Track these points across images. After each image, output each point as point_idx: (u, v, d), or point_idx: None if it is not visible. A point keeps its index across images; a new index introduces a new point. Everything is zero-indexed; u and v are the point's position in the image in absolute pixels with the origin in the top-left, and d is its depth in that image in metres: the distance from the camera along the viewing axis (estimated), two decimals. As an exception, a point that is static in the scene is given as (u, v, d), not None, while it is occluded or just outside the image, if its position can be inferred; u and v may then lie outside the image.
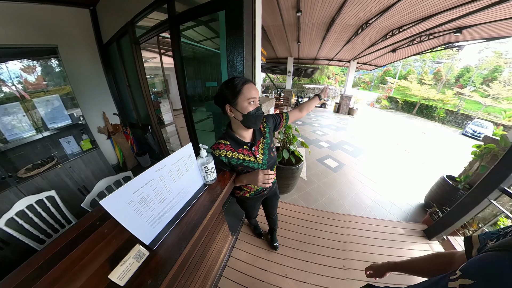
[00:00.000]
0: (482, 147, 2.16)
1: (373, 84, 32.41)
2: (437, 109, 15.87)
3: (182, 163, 0.72)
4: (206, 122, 2.65)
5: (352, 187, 2.97)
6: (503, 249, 0.35)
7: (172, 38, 1.78)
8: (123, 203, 0.50)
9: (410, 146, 5.95)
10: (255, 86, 0.82)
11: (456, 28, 4.20)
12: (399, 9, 3.52)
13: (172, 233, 0.64)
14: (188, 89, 2.18)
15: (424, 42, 5.15)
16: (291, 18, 4.42)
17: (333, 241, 1.88)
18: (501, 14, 3.29)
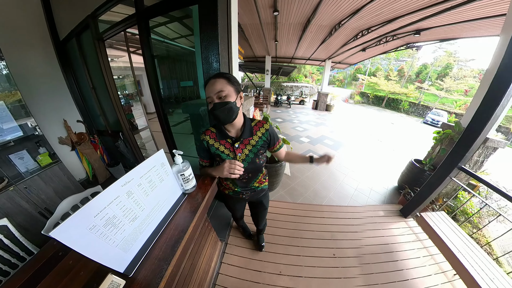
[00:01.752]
0: (441, 133, 2.43)
1: (346, 81, 34.26)
2: (402, 101, 17.72)
3: (154, 173, 0.63)
4: (184, 125, 2.49)
5: (335, 178, 3.10)
6: None
7: (140, 34, 1.62)
8: (83, 230, 0.41)
9: (381, 135, 6.53)
10: (214, 81, 0.78)
11: (415, 30, 4.68)
12: (367, 12, 3.80)
13: (150, 254, 0.55)
14: (161, 90, 2.02)
15: (389, 42, 5.66)
16: (268, 17, 4.42)
17: (322, 232, 1.93)
18: (451, 19, 3.76)
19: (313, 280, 1.48)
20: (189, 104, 2.23)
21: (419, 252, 1.79)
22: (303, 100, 11.81)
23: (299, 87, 13.69)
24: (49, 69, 2.47)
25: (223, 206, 2.10)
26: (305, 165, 3.44)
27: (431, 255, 1.77)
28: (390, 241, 1.88)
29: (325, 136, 5.38)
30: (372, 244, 1.84)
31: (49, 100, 2.47)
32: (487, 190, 2.68)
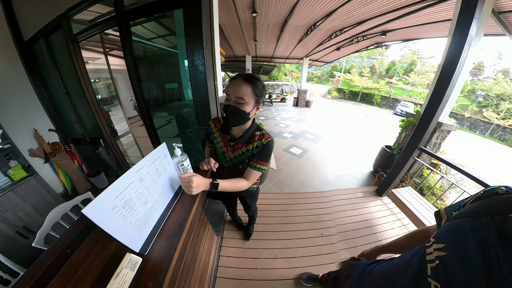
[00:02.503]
0: (405, 121, 2.78)
1: (324, 78, 35.78)
2: (374, 96, 19.22)
3: (159, 164, 0.70)
4: (168, 127, 2.48)
5: (317, 168, 3.34)
6: (463, 216, 0.43)
7: (122, 36, 1.61)
8: (107, 209, 0.48)
9: (357, 127, 7.16)
10: (240, 83, 0.76)
11: (382, 32, 5.18)
12: (339, 15, 4.15)
13: (161, 233, 0.63)
14: (144, 93, 1.98)
15: (360, 42, 6.15)
16: (247, 18, 4.52)
17: (309, 216, 2.13)
18: (411, 22, 4.26)
19: (306, 259, 1.65)
20: (173, 106, 2.24)
21: (394, 224, 2.08)
22: (284, 98, 12.13)
23: (280, 85, 14.02)
24: (13, 74, 2.21)
25: (216, 203, 2.18)
26: (289, 159, 3.63)
27: (404, 225, 2.07)
28: (369, 217, 2.15)
29: (306, 131, 5.67)
30: (354, 221, 2.08)
31: (15, 108, 2.21)
32: (446, 167, 3.11)
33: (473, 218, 0.41)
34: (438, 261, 0.41)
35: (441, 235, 0.45)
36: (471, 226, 0.40)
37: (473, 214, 0.42)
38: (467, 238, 0.39)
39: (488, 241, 0.36)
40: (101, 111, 2.50)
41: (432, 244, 0.45)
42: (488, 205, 0.41)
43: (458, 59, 1.62)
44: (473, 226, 0.39)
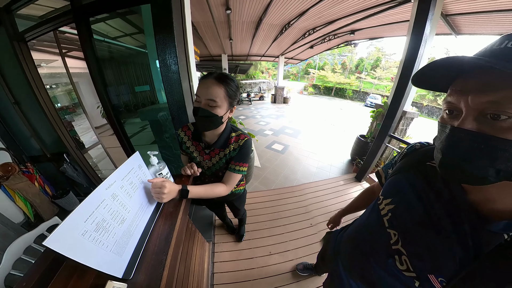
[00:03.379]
0: (376, 112, 3.02)
1: (299, 75, 36.87)
2: (347, 90, 20.47)
3: (134, 175, 0.63)
4: (143, 134, 2.31)
5: (299, 162, 3.44)
6: (397, 172, 0.53)
7: (81, 35, 1.44)
8: (76, 236, 0.41)
9: (333, 120, 7.58)
10: (211, 84, 0.69)
11: (351, 31, 5.51)
12: (311, 14, 4.32)
13: (146, 252, 0.56)
14: (112, 98, 1.80)
15: (331, 40, 6.46)
16: (221, 16, 4.42)
17: (297, 208, 2.19)
18: (376, 22, 4.61)
19: (299, 250, 1.69)
20: (146, 110, 2.08)
21: (373, 204, 2.29)
22: (263, 96, 12.23)
23: (257, 83, 14.10)
24: None
25: (203, 209, 2.10)
26: (272, 155, 3.67)
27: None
28: (351, 202, 2.33)
29: (285, 127, 5.79)
30: (338, 208, 2.14)
31: None
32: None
33: (405, 172, 0.50)
34: (390, 213, 0.49)
35: (386, 191, 0.53)
36: (405, 179, 0.49)
37: (404, 169, 0.51)
38: (405, 189, 0.47)
39: (419, 187, 0.45)
40: (62, 122, 2.19)
41: (382, 201, 0.53)
42: (412, 159, 0.52)
43: (416, 55, 1.80)
44: (406, 178, 0.49)
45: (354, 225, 0.71)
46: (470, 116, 0.30)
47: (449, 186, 0.40)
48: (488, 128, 0.28)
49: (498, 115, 0.27)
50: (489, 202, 0.35)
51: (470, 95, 0.30)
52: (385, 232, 0.49)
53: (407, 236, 0.44)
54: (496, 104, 0.27)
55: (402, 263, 0.44)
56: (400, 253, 0.45)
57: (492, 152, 0.28)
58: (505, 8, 2.58)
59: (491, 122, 0.28)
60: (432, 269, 0.38)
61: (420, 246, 0.41)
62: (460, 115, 0.32)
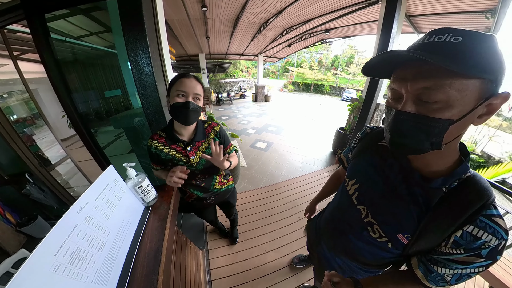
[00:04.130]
0: (352, 105, 3.19)
1: (279, 73, 37.36)
2: (324, 86, 21.25)
3: (110, 192, 0.56)
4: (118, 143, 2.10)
5: (284, 158, 3.50)
6: (356, 156, 0.61)
7: (35, 34, 1.26)
8: (46, 274, 0.34)
9: (314, 115, 7.85)
10: (194, 81, 0.78)
11: (326, 29, 5.73)
12: (288, 13, 4.42)
13: (134, 275, 0.50)
14: (79, 106, 1.62)
15: (308, 39, 6.65)
16: (197, 13, 4.26)
17: (286, 204, 2.22)
18: (348, 21, 4.84)
19: (294, 243, 1.73)
20: (119, 117, 1.91)
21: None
22: (243, 95, 12.16)
23: (237, 82, 13.99)
24: None
25: (191, 216, 2.00)
26: (257, 154, 3.67)
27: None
28: (336, 191, 2.44)
29: (268, 124, 5.82)
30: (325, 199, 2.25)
31: None
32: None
33: (362, 154, 0.59)
34: (357, 192, 0.57)
35: (350, 174, 0.61)
36: (364, 160, 0.58)
37: (361, 152, 0.60)
38: (365, 169, 0.56)
39: (376, 164, 0.53)
40: (19, 137, 1.91)
41: (348, 182, 0.60)
42: (366, 142, 0.60)
43: (386, 52, 1.94)
44: (365, 159, 0.57)
45: (328, 209, 0.78)
46: (410, 100, 0.36)
47: (398, 159, 0.48)
48: (423, 110, 0.34)
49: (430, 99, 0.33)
50: (427, 166, 0.43)
51: (408, 82, 0.35)
52: (356, 209, 0.56)
53: (375, 208, 0.52)
54: (428, 90, 0.33)
55: (375, 232, 0.51)
56: (372, 223, 0.52)
57: (427, 128, 0.35)
58: (458, 10, 2.99)
59: (425, 104, 0.34)
60: (398, 230, 0.46)
61: (386, 214, 0.49)
62: (402, 99, 0.37)
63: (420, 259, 0.45)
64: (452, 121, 0.33)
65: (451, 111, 0.33)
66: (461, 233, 0.38)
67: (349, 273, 0.68)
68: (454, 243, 0.39)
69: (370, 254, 0.57)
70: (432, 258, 0.43)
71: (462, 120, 0.33)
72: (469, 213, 0.38)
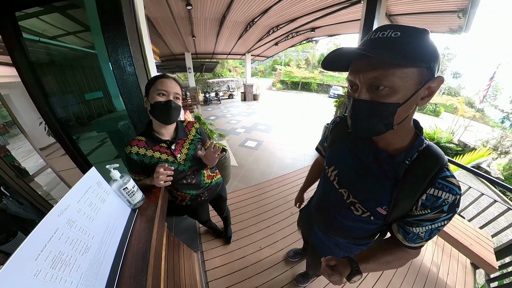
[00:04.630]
0: (338, 101, 3.34)
1: (267, 72, 37.50)
2: (312, 84, 21.60)
3: (93, 195, 0.55)
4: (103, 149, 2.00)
5: (274, 155, 3.54)
6: (331, 144, 0.68)
7: (4, 34, 1.18)
8: (26, 279, 0.33)
9: (302, 112, 8.01)
10: (174, 82, 0.81)
11: (311, 28, 5.82)
12: (274, 12, 4.45)
13: (122, 278, 0.50)
14: (58, 111, 1.53)
15: (294, 37, 6.76)
16: (181, 11, 4.16)
17: (278, 200, 2.27)
18: (333, 21, 4.96)
19: (288, 238, 1.77)
20: (102, 121, 1.83)
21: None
22: (232, 94, 12.08)
23: (225, 81, 13.84)
24: None
25: (184, 218, 1.98)
26: (247, 152, 3.69)
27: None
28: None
29: (257, 123, 5.85)
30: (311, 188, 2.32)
31: None
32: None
33: (336, 142, 0.66)
34: (337, 178, 0.63)
35: (328, 162, 0.67)
36: (337, 147, 0.64)
37: (335, 140, 0.66)
38: (340, 155, 0.62)
39: (349, 149, 0.59)
40: None
41: (328, 169, 0.67)
42: (337, 131, 0.67)
43: (367, 49, 2.00)
44: (339, 146, 0.64)
45: (315, 197, 0.85)
46: (364, 89, 0.41)
47: (366, 143, 0.54)
48: (375, 96, 0.40)
49: (378, 86, 0.38)
50: (390, 145, 0.49)
51: (361, 73, 0.40)
52: (338, 192, 0.63)
53: (354, 189, 0.58)
54: (376, 79, 0.38)
55: (358, 210, 0.58)
56: (354, 203, 0.58)
57: (379, 112, 0.40)
58: (434, 10, 3.21)
59: (376, 92, 0.39)
60: (377, 204, 0.53)
61: (365, 192, 0.55)
62: (358, 88, 0.42)
63: (399, 224, 0.53)
64: (398, 104, 0.38)
65: (397, 96, 0.38)
66: (425, 196, 0.45)
67: (345, 250, 0.75)
68: (422, 205, 0.46)
69: (358, 229, 0.64)
70: (407, 221, 0.50)
71: (407, 102, 0.39)
72: (429, 178, 0.44)
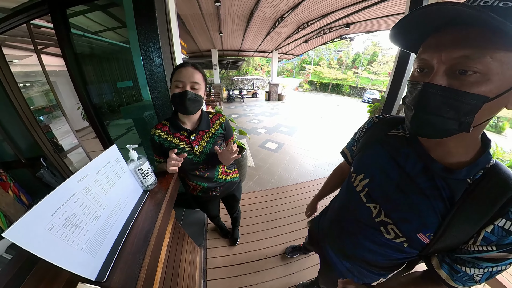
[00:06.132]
0: (373, 106, 3.12)
1: (294, 71, 37.14)
2: (343, 86, 20.68)
3: (110, 169, 0.62)
4: (129, 136, 2.24)
5: (295, 160, 3.46)
6: (363, 149, 0.58)
7: (57, 28, 1.40)
8: (41, 230, 0.39)
9: (330, 117, 7.66)
10: (191, 69, 0.81)
11: (346, 24, 5.61)
12: (305, 7, 4.38)
13: (122, 253, 0.55)
14: (93, 98, 1.77)
15: (326, 34, 6.55)
16: (210, 8, 4.41)
17: (293, 209, 2.17)
18: (372, 15, 4.72)
19: None
20: (130, 108, 2.05)
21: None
22: (256, 93, 12.24)
23: (250, 80, 14.09)
24: None
25: (193, 212, 2.07)
26: (266, 154, 3.69)
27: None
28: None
29: (280, 124, 5.82)
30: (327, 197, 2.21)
31: None
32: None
33: (370, 146, 0.55)
34: (366, 188, 0.53)
35: (357, 168, 0.57)
36: (372, 152, 0.54)
37: (369, 144, 0.56)
38: (375, 161, 0.52)
39: (388, 156, 0.49)
40: (37, 123, 2.12)
41: (355, 178, 0.56)
42: (373, 133, 0.57)
43: (411, 48, 1.86)
44: (374, 151, 0.54)
45: (332, 208, 0.75)
46: (441, 72, 0.33)
47: (414, 148, 0.45)
48: (456, 83, 0.31)
49: (466, 71, 0.30)
50: (448, 155, 0.40)
51: (444, 50, 0.32)
52: (365, 207, 0.53)
53: (389, 205, 0.48)
54: (466, 59, 0.30)
55: (389, 233, 0.48)
56: (385, 223, 0.48)
57: (458, 105, 0.32)
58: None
59: (459, 77, 0.31)
60: (419, 228, 0.43)
61: (403, 211, 0.45)
62: (431, 72, 0.34)
63: (443, 259, 0.43)
64: (487, 99, 0.30)
65: (488, 86, 0.29)
66: (492, 228, 0.35)
67: (358, 276, 0.65)
68: (484, 239, 0.36)
69: (382, 257, 0.53)
70: (458, 258, 0.40)
71: (498, 98, 0.30)
72: (499, 205, 0.35)
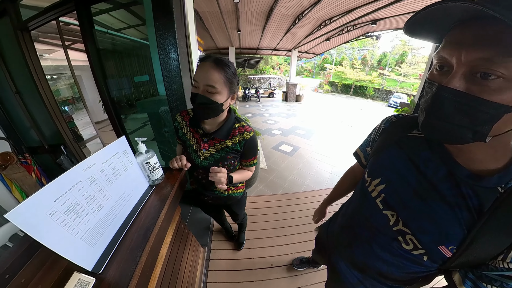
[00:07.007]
0: (400, 110, 2.91)
1: (314, 71, 36.51)
2: (367, 88, 19.89)
3: (117, 161, 0.63)
4: (144, 130, 2.35)
5: (310, 166, 3.36)
6: (379, 151, 0.55)
7: (82, 24, 1.51)
8: (42, 214, 0.41)
9: (351, 121, 7.32)
10: (209, 69, 0.69)
11: (372, 20, 5.36)
12: (327, 2, 4.28)
13: (121, 246, 0.56)
14: (112, 92, 1.88)
15: (350, 32, 6.36)
16: (228, 5, 4.49)
17: (305, 217, 2.06)
18: (401, 10, 4.46)
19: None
20: (146, 102, 2.15)
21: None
22: (273, 93, 12.19)
23: (267, 79, 14.06)
24: None
25: (200, 210, 2.09)
26: (280, 157, 3.63)
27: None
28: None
29: (296, 127, 5.72)
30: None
31: None
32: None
33: (387, 148, 0.52)
34: (383, 194, 0.50)
35: (372, 172, 0.54)
36: (389, 155, 0.51)
37: (386, 146, 0.53)
38: (393, 165, 0.49)
39: (407, 159, 0.46)
40: (60, 113, 2.32)
41: (370, 182, 0.53)
42: (391, 134, 0.54)
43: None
44: (391, 154, 0.51)
45: (344, 213, 0.71)
46: (460, 74, 0.30)
47: (436, 150, 0.42)
48: (475, 88, 0.29)
49: (488, 74, 0.27)
50: (476, 161, 0.37)
51: (464, 49, 0.29)
52: (381, 214, 0.50)
53: (408, 213, 0.45)
54: (489, 62, 0.27)
55: (408, 243, 0.45)
56: (404, 233, 0.45)
57: (475, 113, 0.30)
58: None
59: (480, 81, 0.29)
60: (441, 240, 0.40)
61: (423, 220, 0.42)
62: (450, 71, 0.32)
63: (466, 274, 0.40)
64: (509, 109, 0.27)
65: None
66: None
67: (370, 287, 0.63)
68: None
69: (399, 269, 0.51)
70: (483, 274, 0.37)
71: None
72: None
